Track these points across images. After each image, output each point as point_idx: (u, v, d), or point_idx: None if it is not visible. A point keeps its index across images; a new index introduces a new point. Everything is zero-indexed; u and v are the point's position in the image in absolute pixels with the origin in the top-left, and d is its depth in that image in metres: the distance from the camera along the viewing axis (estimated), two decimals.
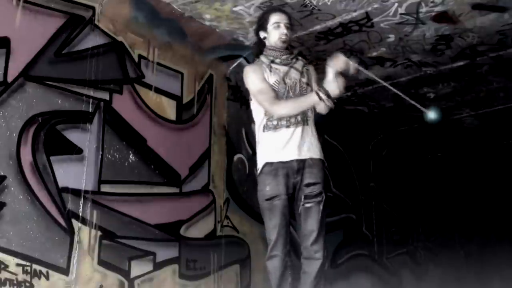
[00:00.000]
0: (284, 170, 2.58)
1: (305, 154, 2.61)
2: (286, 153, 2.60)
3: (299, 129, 2.63)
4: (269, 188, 2.58)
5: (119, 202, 3.43)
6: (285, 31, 2.75)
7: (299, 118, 2.64)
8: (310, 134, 2.67)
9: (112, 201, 3.39)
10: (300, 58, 2.85)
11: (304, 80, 2.74)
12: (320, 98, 2.53)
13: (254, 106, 2.77)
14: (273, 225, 2.57)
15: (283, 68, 2.73)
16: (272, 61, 2.74)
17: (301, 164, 2.59)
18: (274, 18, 2.78)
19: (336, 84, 2.54)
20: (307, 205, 2.56)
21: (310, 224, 2.55)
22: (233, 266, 4.23)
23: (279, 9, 3.02)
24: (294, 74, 2.73)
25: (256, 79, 2.69)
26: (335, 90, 2.54)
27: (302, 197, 2.58)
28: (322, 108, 2.69)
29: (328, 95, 2.53)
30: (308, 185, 2.58)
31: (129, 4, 3.64)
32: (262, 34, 2.82)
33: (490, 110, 5.99)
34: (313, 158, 2.63)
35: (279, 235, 2.55)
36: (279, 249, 2.56)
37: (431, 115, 2.49)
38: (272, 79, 2.69)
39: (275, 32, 2.76)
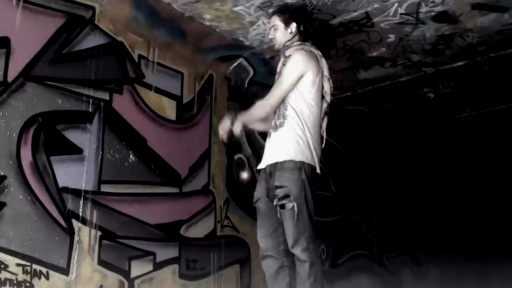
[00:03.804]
0: (264, 174, 2.69)
1: (276, 158, 2.61)
2: (264, 159, 2.72)
3: (274, 133, 2.67)
4: (255, 193, 2.73)
5: (119, 202, 3.43)
6: (269, 36, 2.84)
7: (276, 122, 2.65)
8: (285, 137, 2.60)
9: (112, 201, 3.39)
10: (285, 53, 2.74)
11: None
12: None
13: None
14: (259, 226, 2.69)
15: None
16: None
17: (272, 168, 2.62)
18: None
19: (237, 125, 2.67)
20: (279, 208, 2.55)
21: (286, 228, 2.54)
22: (233, 266, 4.23)
23: (272, 12, 3.02)
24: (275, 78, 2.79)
25: None
26: (237, 125, 2.67)
27: (275, 200, 2.58)
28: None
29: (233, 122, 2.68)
30: (276, 187, 2.56)
31: (129, 4, 3.63)
32: None
33: (490, 110, 5.98)
34: (282, 161, 2.57)
35: (265, 236, 2.64)
36: (270, 249, 2.63)
37: None
38: None
39: None
